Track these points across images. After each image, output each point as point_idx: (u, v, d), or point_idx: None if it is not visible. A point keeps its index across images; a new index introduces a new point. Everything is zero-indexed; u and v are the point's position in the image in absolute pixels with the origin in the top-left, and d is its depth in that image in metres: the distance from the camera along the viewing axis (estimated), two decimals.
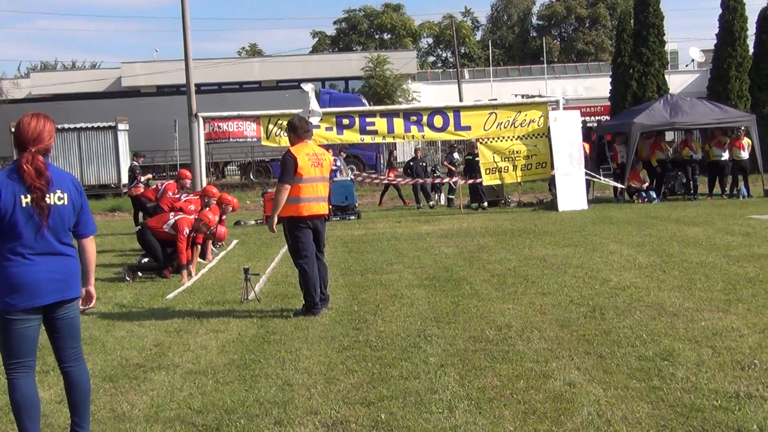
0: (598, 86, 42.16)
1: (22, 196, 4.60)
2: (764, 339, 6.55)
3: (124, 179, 32.44)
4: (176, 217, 11.96)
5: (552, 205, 20.35)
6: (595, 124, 35.92)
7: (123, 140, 32.73)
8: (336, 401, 5.55)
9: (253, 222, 20.37)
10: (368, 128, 20.30)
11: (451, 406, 5.33)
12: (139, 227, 12.70)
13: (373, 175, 27.24)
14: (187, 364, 6.68)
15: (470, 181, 21.71)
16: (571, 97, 45.30)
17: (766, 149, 24.31)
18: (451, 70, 64.61)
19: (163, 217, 12.27)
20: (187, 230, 11.72)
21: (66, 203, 4.78)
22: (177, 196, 14.16)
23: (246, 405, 5.55)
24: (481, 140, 20.63)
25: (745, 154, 22.38)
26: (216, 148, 32.57)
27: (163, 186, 15.06)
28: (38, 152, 4.69)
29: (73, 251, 4.87)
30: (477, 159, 22.50)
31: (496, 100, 34.99)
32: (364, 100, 38.11)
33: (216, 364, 6.65)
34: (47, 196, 4.66)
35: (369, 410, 5.34)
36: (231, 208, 13.84)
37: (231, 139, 21.28)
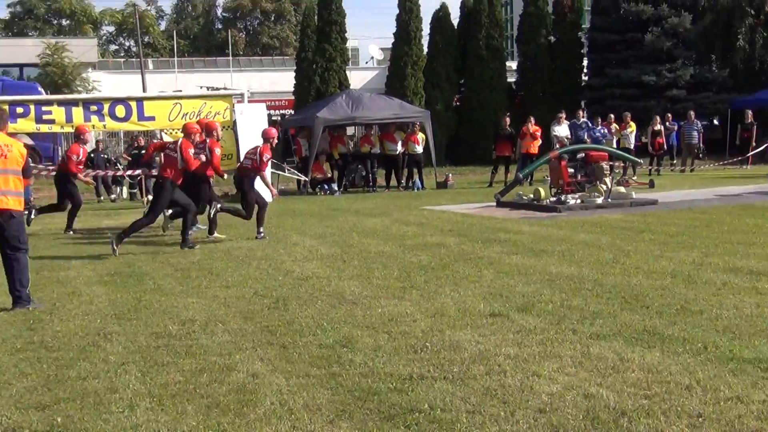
0: (283, 80, 42.65)
1: None
2: (435, 323, 6.94)
3: None
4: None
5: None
6: (280, 118, 36.45)
7: None
8: (8, 407, 5.22)
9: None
10: (45, 117, 19.23)
11: (132, 404, 5.18)
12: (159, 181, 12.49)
13: (51, 167, 25.88)
14: None
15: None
16: (256, 91, 45.47)
17: (438, 144, 25.84)
18: (134, 59, 62.81)
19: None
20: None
21: None
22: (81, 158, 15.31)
23: None
24: (166, 131, 20.22)
25: (419, 149, 23.63)
26: None
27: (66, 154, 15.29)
28: None
29: None
30: (143, 153, 22.33)
31: (181, 91, 34.43)
32: (40, 89, 36.12)
33: None
34: None
35: (44, 414, 5.07)
36: None
37: None
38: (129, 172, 22.20)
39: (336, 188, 22.92)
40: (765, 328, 6.29)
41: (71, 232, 15.00)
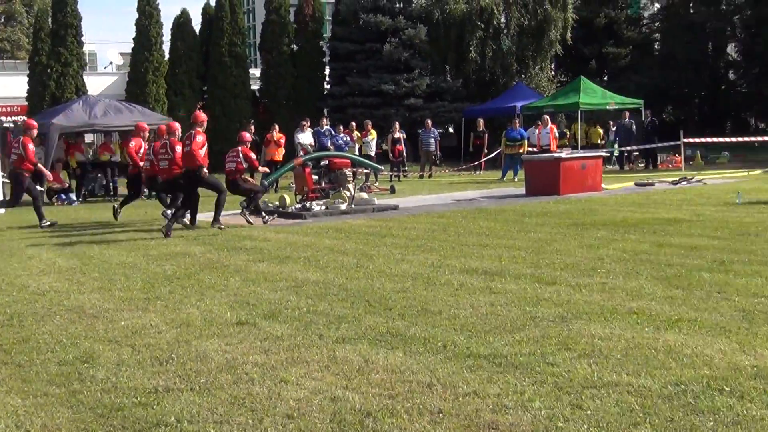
0: (15, 85, 40.51)
1: None
2: (181, 334, 6.82)
3: None
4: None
5: None
6: (12, 125, 34.62)
7: None
8: None
9: None
10: None
11: None
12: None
13: None
14: None
15: None
16: None
17: None
18: None
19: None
20: None
21: None
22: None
23: None
24: None
25: None
26: None
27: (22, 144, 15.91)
28: None
29: None
30: None
31: None
32: None
33: None
34: None
35: None
36: None
37: None
38: None
39: (74, 198, 22.04)
40: (498, 325, 6.64)
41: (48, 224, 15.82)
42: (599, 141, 30.83)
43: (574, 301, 7.43)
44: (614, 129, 30.99)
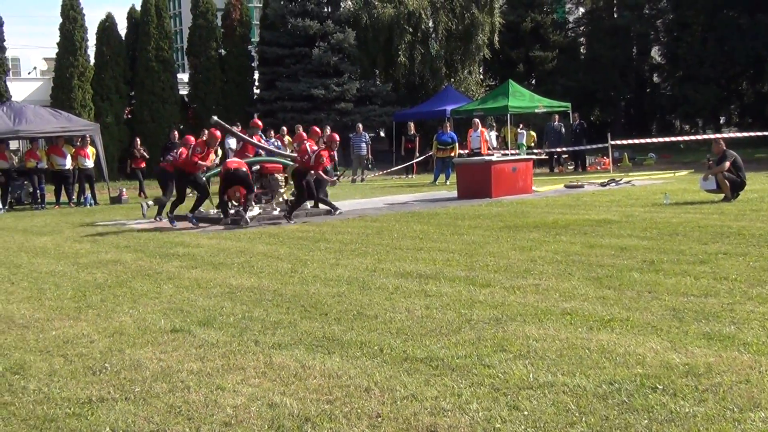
0: None
1: None
2: (114, 342, 6.72)
3: None
4: None
5: None
6: None
7: None
8: None
9: None
10: None
11: None
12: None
13: None
14: None
15: None
16: None
17: (110, 158, 25.16)
18: None
19: None
20: None
21: None
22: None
23: None
24: None
25: (90, 163, 22.87)
26: None
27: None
28: None
29: None
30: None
31: None
32: None
33: None
34: None
35: None
36: None
37: None
38: None
39: (0, 206, 21.57)
40: (434, 328, 6.67)
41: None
42: (531, 144, 31.16)
43: (508, 302, 7.50)
44: (522, 132, 31.27)
